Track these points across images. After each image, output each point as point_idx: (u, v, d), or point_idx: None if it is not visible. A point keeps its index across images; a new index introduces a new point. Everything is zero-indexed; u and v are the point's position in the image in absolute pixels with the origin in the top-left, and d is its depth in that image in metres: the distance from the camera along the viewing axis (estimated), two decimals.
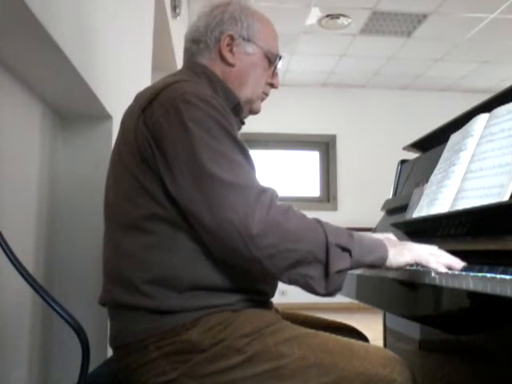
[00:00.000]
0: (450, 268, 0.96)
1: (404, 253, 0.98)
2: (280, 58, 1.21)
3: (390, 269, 0.99)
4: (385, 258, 0.96)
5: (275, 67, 1.21)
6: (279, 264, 0.89)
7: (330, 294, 0.93)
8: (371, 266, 0.98)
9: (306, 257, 0.90)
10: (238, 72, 1.14)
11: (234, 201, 0.88)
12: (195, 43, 1.15)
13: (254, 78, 1.16)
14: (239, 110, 1.16)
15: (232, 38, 1.13)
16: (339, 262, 0.91)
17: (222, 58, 1.13)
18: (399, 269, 1.00)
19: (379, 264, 0.97)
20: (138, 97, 1.06)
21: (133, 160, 0.97)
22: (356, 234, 0.96)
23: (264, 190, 0.92)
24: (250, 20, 1.15)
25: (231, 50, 1.13)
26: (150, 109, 0.97)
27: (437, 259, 0.97)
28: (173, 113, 0.94)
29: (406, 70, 5.87)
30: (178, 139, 0.92)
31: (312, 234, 0.91)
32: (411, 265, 0.99)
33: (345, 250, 0.92)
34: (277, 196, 0.94)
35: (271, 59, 1.18)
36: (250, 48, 1.15)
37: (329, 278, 0.91)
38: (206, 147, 0.91)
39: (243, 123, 1.21)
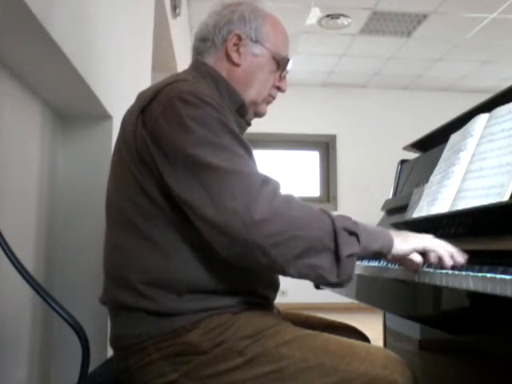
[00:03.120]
0: (453, 258, 0.95)
1: (410, 240, 0.96)
2: (288, 61, 1.19)
3: (395, 257, 0.97)
4: (391, 244, 0.95)
5: (283, 70, 1.19)
6: (286, 253, 0.87)
7: (341, 282, 0.90)
8: (377, 255, 0.95)
9: (313, 245, 0.87)
10: (244, 72, 1.13)
11: (236, 189, 0.87)
12: (203, 42, 1.15)
13: (259, 79, 1.15)
14: (244, 111, 1.15)
15: (239, 38, 1.12)
16: (349, 246, 0.89)
17: (228, 58, 1.12)
18: (405, 257, 0.97)
19: (386, 251, 0.94)
20: (139, 96, 1.06)
21: (132, 160, 0.97)
22: (359, 222, 0.94)
23: (267, 180, 0.91)
24: (260, 21, 1.14)
25: (238, 50, 1.12)
26: (148, 109, 0.97)
27: (444, 247, 0.96)
28: (171, 111, 0.93)
29: (406, 70, 5.87)
30: (178, 136, 0.92)
31: (318, 220, 0.90)
32: (419, 251, 0.96)
33: (352, 234, 0.90)
34: (280, 187, 0.93)
35: (279, 62, 1.17)
36: (257, 49, 1.13)
37: (340, 263, 0.88)
38: (206, 143, 0.90)
39: (249, 124, 1.20)
